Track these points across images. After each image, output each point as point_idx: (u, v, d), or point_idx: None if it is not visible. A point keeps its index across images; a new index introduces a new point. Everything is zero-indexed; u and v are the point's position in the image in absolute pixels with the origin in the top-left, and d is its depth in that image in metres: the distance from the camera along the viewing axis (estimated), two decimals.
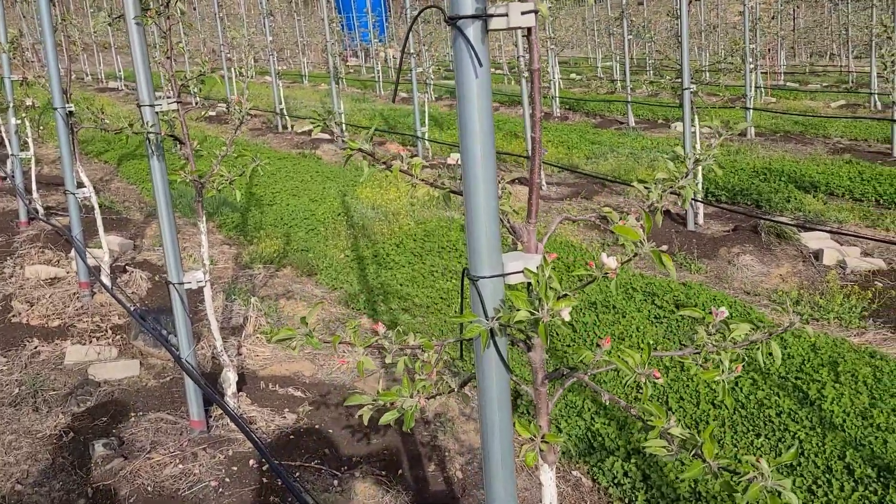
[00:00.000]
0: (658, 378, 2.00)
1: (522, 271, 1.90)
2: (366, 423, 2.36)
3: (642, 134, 14.61)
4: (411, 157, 2.23)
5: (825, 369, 5.07)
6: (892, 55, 11.39)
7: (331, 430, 4.50)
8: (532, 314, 1.73)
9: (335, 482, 4.02)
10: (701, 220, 8.74)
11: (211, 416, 4.56)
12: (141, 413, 4.69)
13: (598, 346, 2.04)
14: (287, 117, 17.24)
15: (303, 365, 5.45)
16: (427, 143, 13.25)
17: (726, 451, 4.29)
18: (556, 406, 4.66)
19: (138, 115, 4.07)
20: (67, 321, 6.09)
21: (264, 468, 4.09)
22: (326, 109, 2.88)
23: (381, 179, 10.56)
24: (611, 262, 1.85)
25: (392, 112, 18.41)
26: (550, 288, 1.84)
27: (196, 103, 16.49)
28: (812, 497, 3.91)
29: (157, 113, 4.02)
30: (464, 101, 1.78)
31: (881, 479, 3.98)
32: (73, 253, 6.91)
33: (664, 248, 1.88)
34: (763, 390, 4.79)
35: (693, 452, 1.66)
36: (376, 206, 9.42)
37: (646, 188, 2.29)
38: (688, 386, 4.97)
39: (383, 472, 4.12)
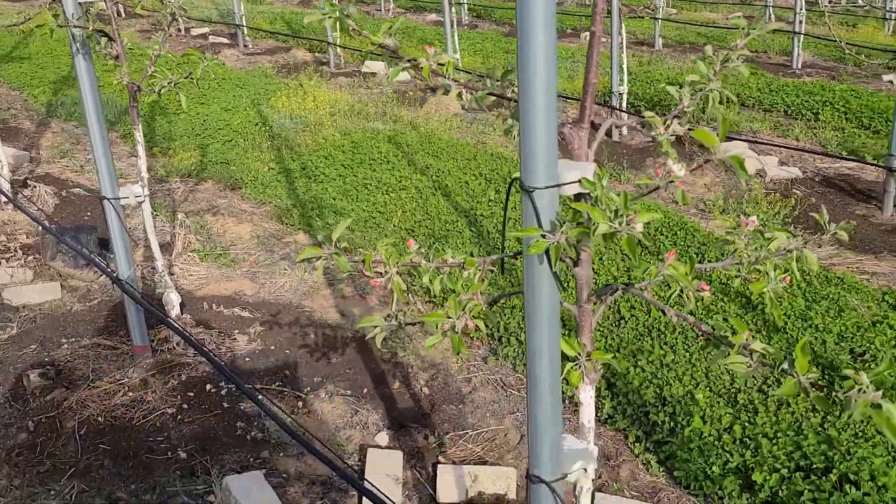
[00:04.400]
0: (706, 290, 1.94)
1: (580, 181, 1.76)
2: (379, 346, 2.21)
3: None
4: (435, 53, 2.00)
5: (760, 275, 5.27)
6: None
7: (288, 352, 4.31)
8: (610, 226, 1.60)
9: (300, 404, 3.88)
10: (625, 131, 8.81)
11: (154, 341, 4.26)
12: (73, 339, 4.32)
13: (661, 260, 1.95)
14: (180, 19, 15.93)
15: (242, 284, 5.17)
16: (339, 49, 12.62)
17: (680, 356, 4.41)
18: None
19: (48, 7, 3.55)
20: None
21: (223, 392, 3.89)
22: (221, 12, 2.55)
23: (295, 88, 10.00)
24: (678, 169, 1.73)
25: (294, 16, 17.38)
26: (609, 199, 1.72)
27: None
28: (764, 397, 4.10)
29: (80, 4, 3.51)
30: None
31: (825, 377, 4.22)
32: None
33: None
34: (709, 297, 4.95)
35: (779, 368, 1.62)
36: (294, 115, 8.93)
37: (677, 92, 2.19)
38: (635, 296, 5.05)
39: (349, 392, 4.00)
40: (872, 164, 7.20)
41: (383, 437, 3.70)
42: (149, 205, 3.98)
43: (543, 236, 1.69)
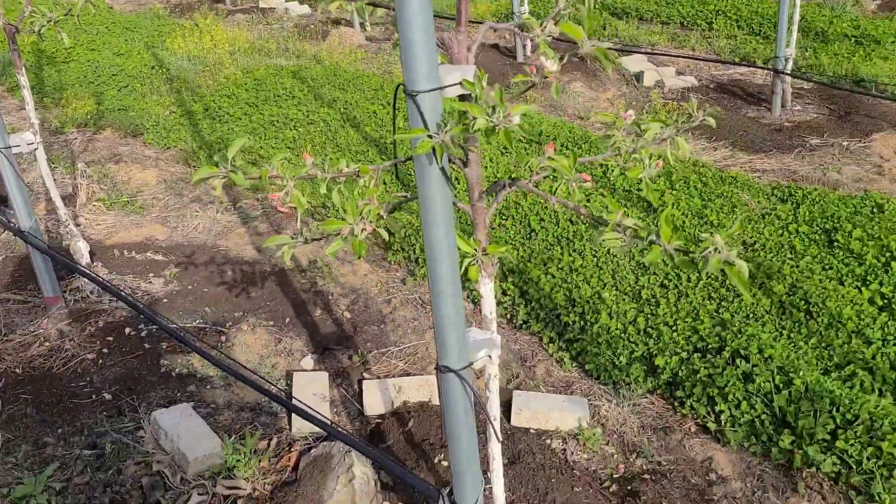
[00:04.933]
0: (588, 181, 2.08)
1: (461, 83, 1.85)
2: (287, 263, 2.28)
3: None
4: None
5: (662, 179, 5.55)
6: None
7: (206, 290, 4.32)
8: (488, 122, 1.70)
9: (223, 338, 3.93)
10: (529, 50, 8.89)
11: (65, 292, 4.20)
12: None
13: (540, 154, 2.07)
14: None
15: (154, 229, 5.10)
16: None
17: (588, 261, 4.64)
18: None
19: None
20: None
21: (143, 334, 3.89)
22: None
23: (191, 28, 9.62)
24: (550, 64, 1.84)
25: None
26: (488, 96, 1.81)
27: None
28: (665, 290, 4.39)
29: None
30: None
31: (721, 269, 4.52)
32: None
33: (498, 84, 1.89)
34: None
35: (648, 239, 1.78)
36: (192, 56, 8.63)
37: None
38: (546, 208, 5.25)
39: (271, 323, 4.07)
40: (761, 68, 7.54)
41: (308, 362, 3.80)
42: (43, 151, 3.86)
43: (430, 137, 1.78)
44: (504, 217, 5.23)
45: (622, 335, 3.90)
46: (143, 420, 3.31)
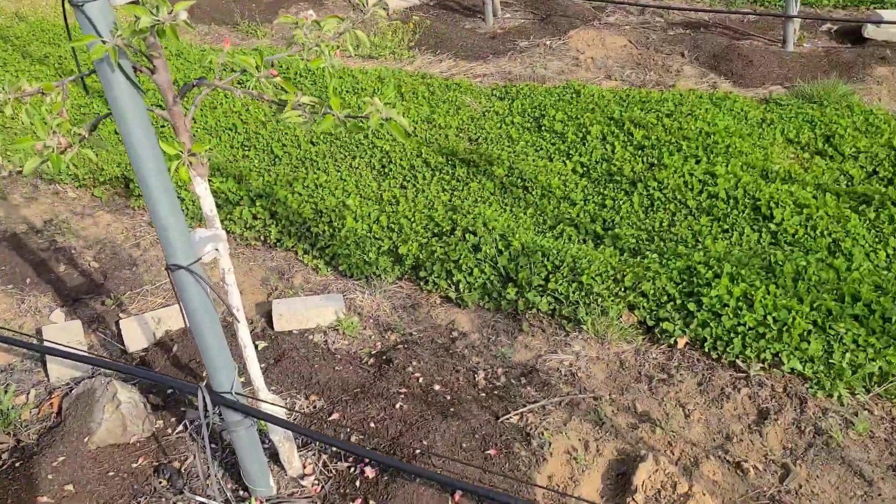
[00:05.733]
0: (276, 75, 2.29)
1: None
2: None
3: None
4: None
5: (392, 93, 5.91)
6: None
7: None
8: (153, 19, 1.83)
9: None
10: None
11: None
12: None
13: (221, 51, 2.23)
14: None
15: None
16: None
17: (332, 177, 4.90)
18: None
19: None
20: None
21: None
22: None
23: None
24: None
25: None
26: None
27: None
28: (404, 191, 4.78)
29: None
30: None
31: (450, 163, 5.00)
32: None
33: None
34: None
35: (323, 112, 2.03)
36: None
37: None
38: (287, 134, 5.41)
39: (10, 286, 3.89)
40: None
41: (59, 315, 3.72)
42: None
43: (104, 43, 1.88)
44: (247, 148, 5.31)
45: (368, 234, 4.23)
46: None
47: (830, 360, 3.19)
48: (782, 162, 4.84)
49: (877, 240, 3.99)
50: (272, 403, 2.61)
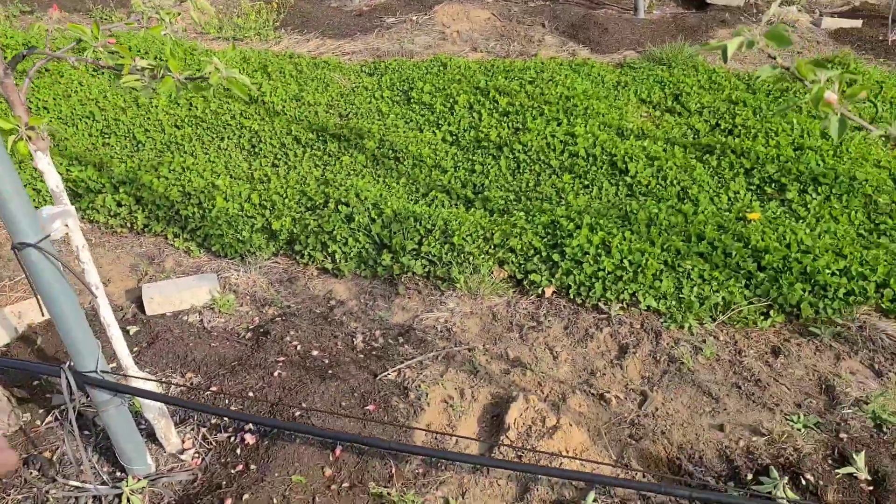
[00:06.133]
0: (112, 42, 2.25)
1: None
2: None
3: None
4: None
5: (258, 73, 5.83)
6: None
7: None
8: None
9: None
10: None
11: None
12: None
13: (49, 18, 2.16)
14: None
15: None
16: None
17: (200, 159, 4.81)
18: None
19: None
20: None
21: None
22: None
23: None
24: None
25: None
26: None
27: None
28: (276, 168, 4.76)
29: None
30: None
31: (320, 139, 5.01)
32: None
33: None
34: (213, 102, 5.36)
35: (161, 75, 2.02)
36: None
37: None
38: (149, 118, 5.24)
39: None
40: None
41: None
42: None
43: None
44: (106, 135, 5.12)
45: (240, 213, 4.20)
46: None
47: (681, 295, 3.46)
48: (636, 120, 5.15)
49: (719, 185, 4.33)
50: (144, 378, 2.59)
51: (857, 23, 6.90)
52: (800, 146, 4.57)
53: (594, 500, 2.50)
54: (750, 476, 2.60)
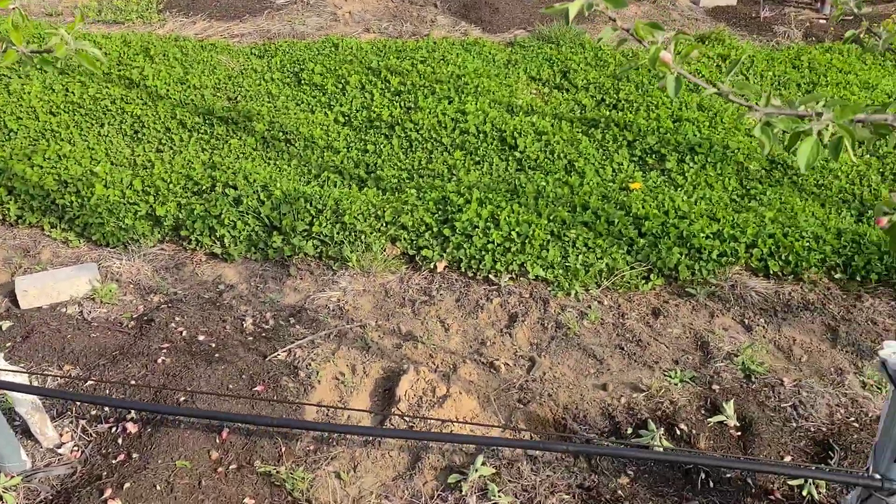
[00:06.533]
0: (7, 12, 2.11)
1: None
2: None
3: None
4: None
5: (140, 57, 5.60)
6: None
7: None
8: None
9: None
10: None
11: None
12: None
13: None
14: None
15: None
16: None
17: (79, 146, 4.59)
18: None
19: None
20: None
21: None
22: None
23: None
24: None
25: None
26: None
27: None
28: (160, 154, 4.60)
29: None
30: None
31: (207, 123, 4.87)
32: None
33: None
34: (91, 87, 5.12)
35: (5, 48, 1.92)
36: None
37: None
38: (21, 105, 4.96)
39: None
40: None
41: None
42: None
43: None
44: None
45: (122, 200, 4.04)
46: None
47: (567, 264, 3.57)
48: (525, 97, 5.24)
49: (604, 157, 4.47)
50: (14, 371, 2.46)
51: (733, 1, 7.25)
52: (678, 118, 4.77)
53: (483, 463, 2.55)
54: (630, 430, 2.72)
